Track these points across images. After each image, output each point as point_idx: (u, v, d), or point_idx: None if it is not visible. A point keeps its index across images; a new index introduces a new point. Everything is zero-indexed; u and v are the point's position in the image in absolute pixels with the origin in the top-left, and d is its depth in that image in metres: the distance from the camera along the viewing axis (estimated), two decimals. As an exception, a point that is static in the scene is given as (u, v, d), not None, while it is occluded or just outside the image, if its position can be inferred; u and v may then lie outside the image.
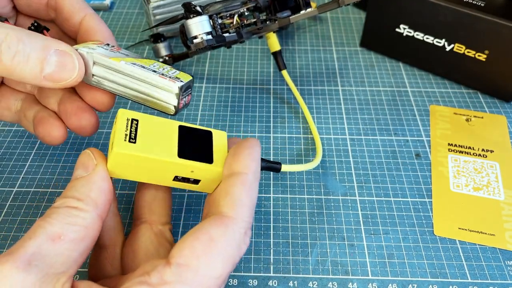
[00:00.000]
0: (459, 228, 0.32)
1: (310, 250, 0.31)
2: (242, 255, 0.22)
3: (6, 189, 0.34)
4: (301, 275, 0.29)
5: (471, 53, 0.41)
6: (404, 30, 0.43)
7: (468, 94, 0.43)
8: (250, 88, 0.43)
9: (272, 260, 0.30)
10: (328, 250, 0.31)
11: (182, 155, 0.24)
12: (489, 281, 0.29)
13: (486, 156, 0.37)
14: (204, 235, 0.21)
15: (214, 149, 0.25)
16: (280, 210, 0.33)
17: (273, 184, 0.35)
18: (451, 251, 0.31)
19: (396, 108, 0.41)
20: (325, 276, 0.29)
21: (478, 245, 0.31)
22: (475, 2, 0.39)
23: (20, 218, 0.32)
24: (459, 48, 0.41)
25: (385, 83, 0.44)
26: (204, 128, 0.26)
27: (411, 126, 0.39)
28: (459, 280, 0.29)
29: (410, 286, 0.29)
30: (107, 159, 0.23)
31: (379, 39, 0.46)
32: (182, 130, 0.25)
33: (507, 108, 0.41)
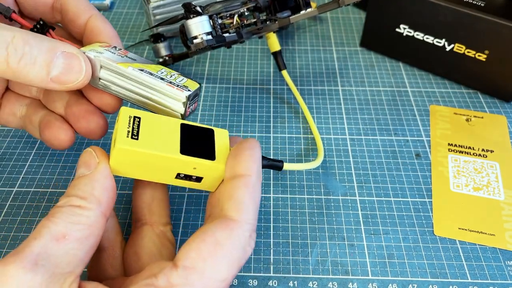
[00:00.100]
0: (459, 228, 0.32)
1: (310, 250, 0.31)
2: (247, 258, 0.22)
3: (6, 189, 0.34)
4: (301, 275, 0.29)
5: (471, 53, 0.41)
6: (404, 30, 0.43)
7: (468, 94, 0.43)
8: (250, 88, 0.43)
9: (272, 260, 0.30)
10: (328, 250, 0.31)
11: (185, 151, 0.24)
12: (489, 281, 0.29)
13: (486, 156, 0.37)
14: (210, 238, 0.21)
15: (216, 146, 0.25)
16: (280, 210, 0.33)
17: (273, 184, 0.35)
18: (451, 251, 0.31)
19: (396, 108, 0.41)
20: (325, 276, 0.29)
21: (478, 245, 0.31)
22: (475, 2, 0.39)
23: (20, 218, 0.32)
24: (459, 48, 0.41)
25: (385, 83, 0.44)
26: (206, 126, 0.26)
27: (411, 126, 0.39)
28: (459, 280, 0.29)
29: (410, 286, 0.29)
30: (109, 157, 0.23)
31: (379, 39, 0.46)
32: (184, 127, 0.25)
33: (507, 108, 0.41)
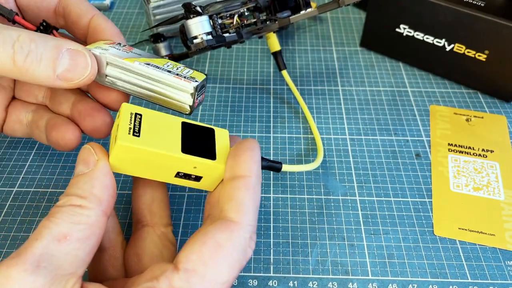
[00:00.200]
0: (459, 228, 0.32)
1: (310, 250, 0.31)
2: (248, 259, 0.22)
3: (6, 189, 0.34)
4: (301, 275, 0.29)
5: (471, 53, 0.41)
6: (404, 30, 0.43)
7: (468, 94, 0.43)
8: (250, 88, 0.43)
9: (272, 260, 0.30)
10: (328, 250, 0.31)
11: (186, 150, 0.24)
12: (489, 281, 0.29)
13: (486, 156, 0.37)
14: (211, 240, 0.21)
15: (216, 146, 0.25)
16: (280, 210, 0.33)
17: (273, 184, 0.35)
18: (451, 251, 0.31)
19: (396, 108, 0.41)
20: (325, 276, 0.29)
21: (478, 245, 0.31)
22: (475, 2, 0.39)
23: (20, 218, 0.32)
24: (459, 48, 0.41)
25: (385, 83, 0.44)
26: (206, 125, 0.26)
27: (411, 126, 0.39)
28: (459, 280, 0.29)
29: (410, 286, 0.29)
30: (108, 154, 0.23)
31: (379, 39, 0.46)
32: (185, 126, 0.25)
33: (507, 108, 0.41)
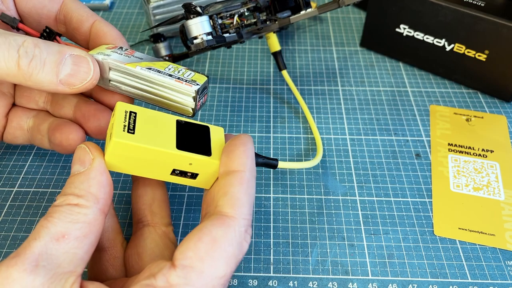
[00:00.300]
0: (459, 228, 0.32)
1: (310, 250, 0.31)
2: (245, 253, 0.22)
3: (6, 189, 0.34)
4: (301, 275, 0.29)
5: (471, 53, 0.41)
6: (404, 30, 0.43)
7: (468, 94, 0.43)
8: (250, 88, 0.43)
9: (272, 260, 0.30)
10: (328, 250, 0.31)
11: (181, 147, 0.24)
12: (489, 281, 0.29)
13: (486, 156, 0.37)
14: (207, 236, 0.21)
15: (212, 143, 0.25)
16: (280, 210, 0.33)
17: (273, 184, 0.35)
18: (451, 251, 0.31)
19: (396, 108, 0.41)
20: (325, 276, 0.29)
21: (478, 245, 0.31)
22: (475, 2, 0.39)
23: (20, 218, 0.32)
24: (459, 48, 0.41)
25: (385, 83, 0.44)
26: (201, 123, 0.26)
27: (411, 126, 0.39)
28: (459, 280, 0.29)
29: (410, 286, 0.29)
30: (103, 153, 0.23)
31: (379, 39, 0.46)
32: (180, 124, 0.25)
33: (507, 108, 0.41)
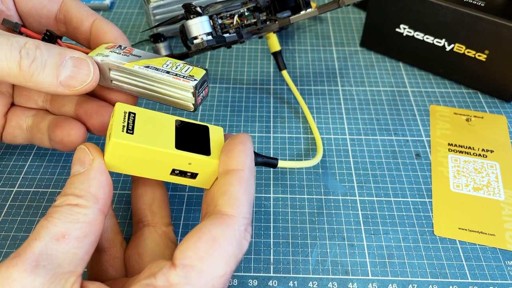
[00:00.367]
0: (459, 228, 0.32)
1: (310, 250, 0.31)
2: (245, 252, 0.22)
3: (6, 189, 0.34)
4: (301, 275, 0.29)
5: (471, 53, 0.41)
6: (404, 30, 0.43)
7: (468, 94, 0.43)
8: (250, 88, 0.43)
9: (272, 260, 0.30)
10: (328, 250, 0.31)
11: (180, 146, 0.24)
12: (489, 281, 0.29)
13: (486, 156, 0.37)
14: (206, 235, 0.21)
15: (211, 142, 0.25)
16: (280, 210, 0.33)
17: (273, 184, 0.35)
18: (451, 251, 0.31)
19: (396, 108, 0.41)
20: (325, 276, 0.29)
21: (478, 245, 0.31)
22: (475, 2, 0.39)
23: (20, 218, 0.32)
24: (459, 48, 0.41)
25: (385, 83, 0.44)
26: (201, 123, 0.26)
27: (411, 126, 0.39)
28: (459, 280, 0.29)
29: (410, 286, 0.29)
30: (103, 153, 0.23)
31: (379, 39, 0.46)
32: (179, 124, 0.25)
33: (507, 108, 0.41)
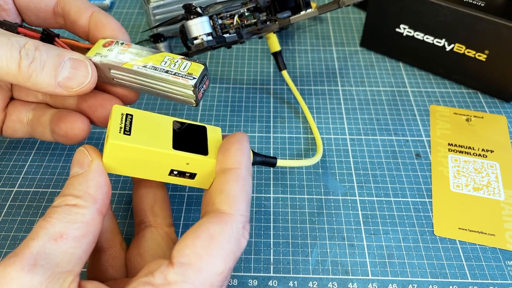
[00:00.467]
0: (459, 228, 0.32)
1: (310, 250, 0.31)
2: (243, 249, 0.22)
3: (6, 189, 0.34)
4: (301, 275, 0.29)
5: (471, 53, 0.41)
6: (404, 30, 0.43)
7: (468, 94, 0.43)
8: (250, 88, 0.43)
9: (272, 260, 0.30)
10: (328, 250, 0.31)
11: (177, 147, 0.24)
12: (489, 281, 0.29)
13: (486, 156, 0.37)
14: (204, 233, 0.21)
15: (209, 142, 0.25)
16: (280, 210, 0.33)
17: (273, 184, 0.35)
18: (451, 251, 0.31)
19: (396, 108, 0.41)
20: (325, 276, 0.29)
21: (478, 245, 0.31)
22: (475, 2, 0.39)
23: (20, 218, 0.32)
24: (459, 48, 0.41)
25: (385, 83, 0.44)
26: (198, 123, 0.26)
27: (411, 126, 0.39)
28: (459, 280, 0.29)
29: (410, 286, 0.29)
30: (102, 155, 0.24)
31: (379, 39, 0.46)
32: (176, 124, 0.25)
33: (507, 108, 0.41)
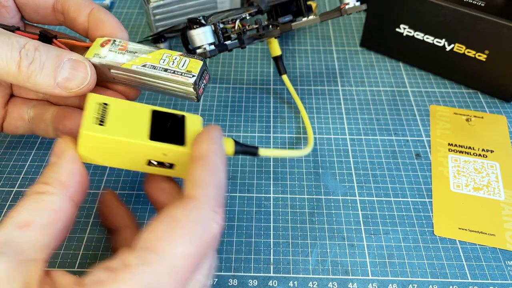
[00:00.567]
0: (459, 228, 0.32)
1: (310, 250, 0.31)
2: (217, 235, 0.21)
3: (6, 189, 0.34)
4: (301, 275, 0.29)
5: (471, 53, 0.41)
6: (404, 30, 0.43)
7: (468, 94, 0.43)
8: (250, 88, 0.43)
9: (272, 260, 0.30)
10: (328, 250, 0.31)
11: (153, 137, 0.24)
12: (489, 281, 0.29)
13: (486, 156, 0.37)
14: (167, 218, 0.21)
15: (187, 132, 0.25)
16: (280, 210, 0.33)
17: (273, 184, 0.35)
18: (451, 251, 0.31)
19: (396, 108, 0.41)
20: (325, 276, 0.29)
21: (478, 245, 0.31)
22: (475, 2, 0.39)
23: (20, 218, 0.32)
24: (459, 48, 0.41)
25: (385, 83, 0.44)
26: (178, 112, 0.26)
27: (411, 126, 0.39)
28: (459, 280, 0.29)
29: (410, 286, 0.29)
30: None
31: (379, 39, 0.46)
32: (155, 114, 0.25)
33: (507, 108, 0.41)
